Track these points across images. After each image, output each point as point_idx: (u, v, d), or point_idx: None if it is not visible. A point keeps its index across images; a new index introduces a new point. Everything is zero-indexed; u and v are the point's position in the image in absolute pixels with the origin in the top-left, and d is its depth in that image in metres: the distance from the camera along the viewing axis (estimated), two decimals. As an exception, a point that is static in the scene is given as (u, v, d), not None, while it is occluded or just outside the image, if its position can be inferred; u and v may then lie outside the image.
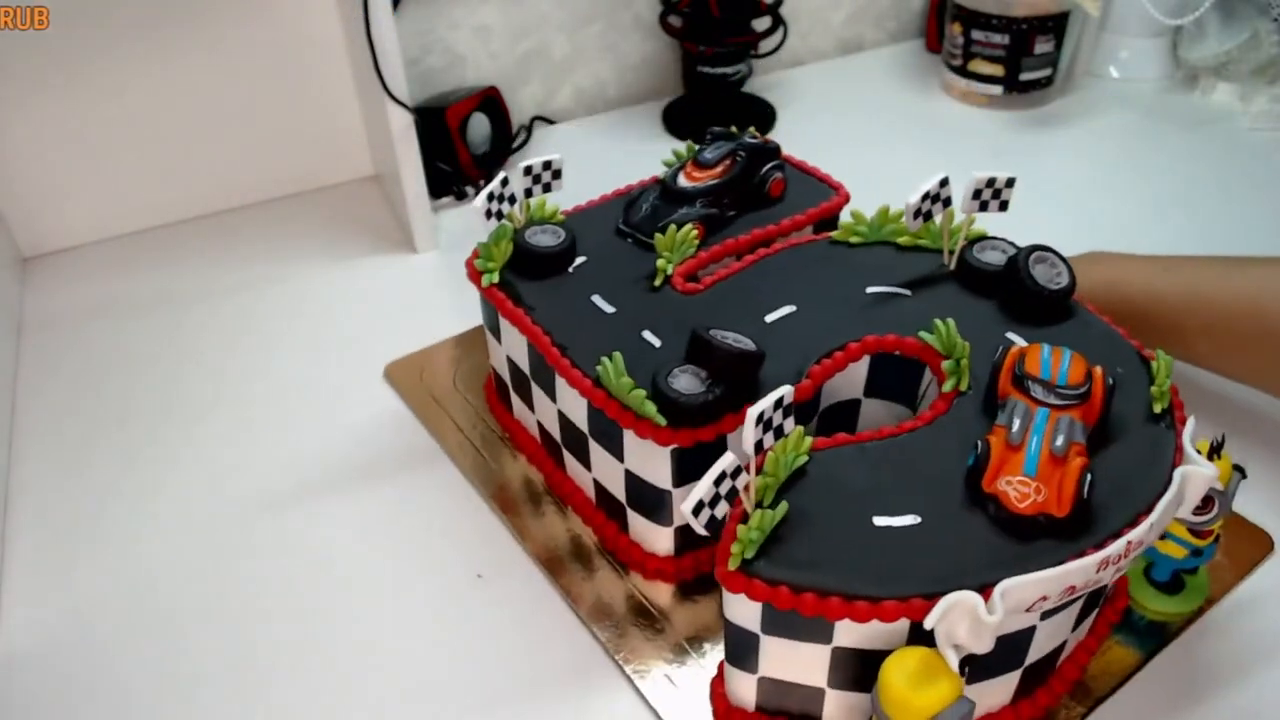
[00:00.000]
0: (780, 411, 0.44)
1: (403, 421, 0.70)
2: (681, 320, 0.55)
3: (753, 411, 0.43)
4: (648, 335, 0.55)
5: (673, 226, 0.61)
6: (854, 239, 0.62)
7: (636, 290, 0.59)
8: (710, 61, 1.03)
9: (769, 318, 0.56)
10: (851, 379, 0.56)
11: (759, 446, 0.44)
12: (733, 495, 0.43)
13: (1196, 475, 0.45)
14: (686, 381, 0.50)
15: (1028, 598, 0.40)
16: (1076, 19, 1.05)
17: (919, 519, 0.45)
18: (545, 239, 0.61)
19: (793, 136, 0.78)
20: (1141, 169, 0.98)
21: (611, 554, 0.59)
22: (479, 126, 0.97)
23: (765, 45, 1.05)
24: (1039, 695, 0.49)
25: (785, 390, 0.44)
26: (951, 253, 0.57)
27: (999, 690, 0.48)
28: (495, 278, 0.60)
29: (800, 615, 0.42)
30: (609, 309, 0.57)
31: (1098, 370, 0.47)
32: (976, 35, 1.06)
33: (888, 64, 1.21)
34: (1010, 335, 0.54)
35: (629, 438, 0.52)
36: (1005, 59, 1.06)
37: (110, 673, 0.55)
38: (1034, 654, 0.46)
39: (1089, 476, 0.43)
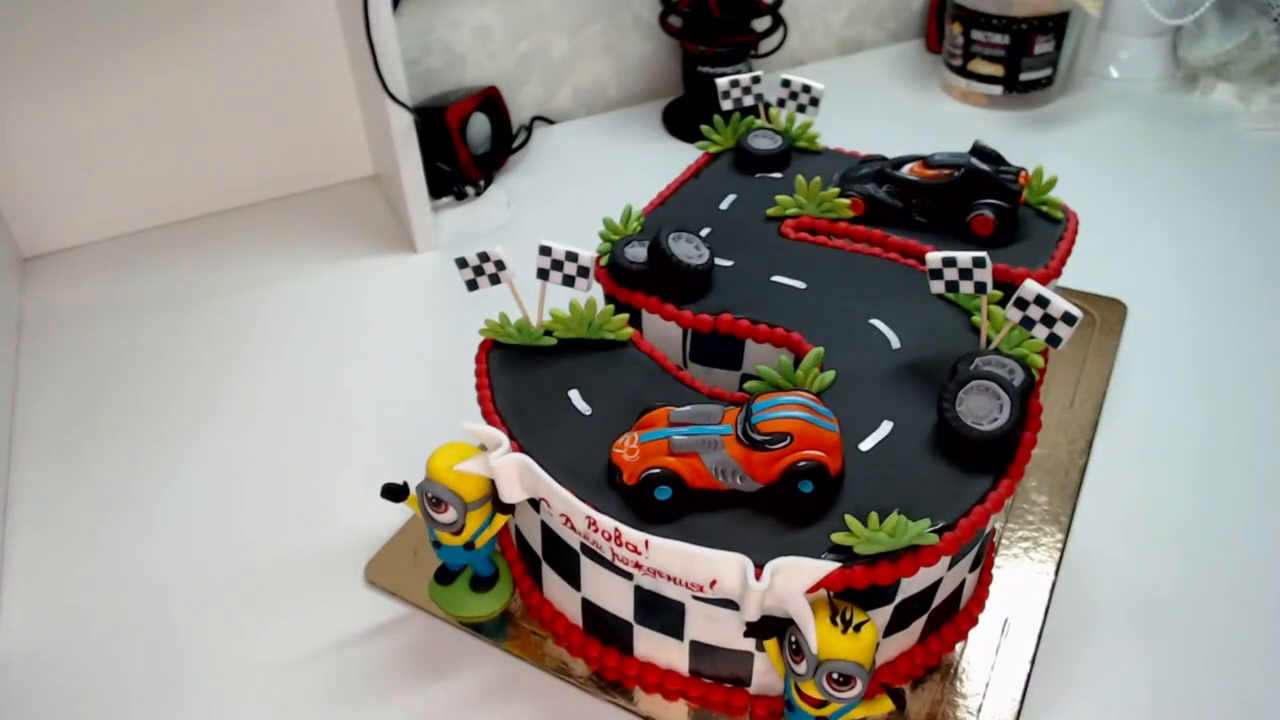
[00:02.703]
0: (576, 267, 0.52)
1: (404, 427, 0.71)
2: (766, 252, 0.62)
3: (543, 242, 0.51)
4: (722, 260, 0.61)
5: (819, 181, 0.65)
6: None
7: (750, 218, 0.66)
8: (710, 61, 1.03)
9: (775, 277, 0.60)
10: (777, 359, 0.55)
11: (541, 274, 0.53)
12: (495, 281, 0.53)
13: (791, 569, 0.42)
14: (681, 248, 0.58)
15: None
16: (1076, 19, 1.05)
17: (590, 412, 0.51)
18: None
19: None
20: (1141, 169, 0.98)
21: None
22: (479, 126, 0.97)
23: (765, 45, 1.05)
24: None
25: (587, 255, 0.52)
26: (989, 340, 0.52)
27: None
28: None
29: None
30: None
31: (793, 458, 0.44)
32: (976, 35, 1.06)
33: (888, 64, 1.21)
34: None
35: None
36: (1005, 59, 1.06)
37: (110, 673, 0.55)
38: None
39: (653, 472, 0.45)
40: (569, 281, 0.53)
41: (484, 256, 0.53)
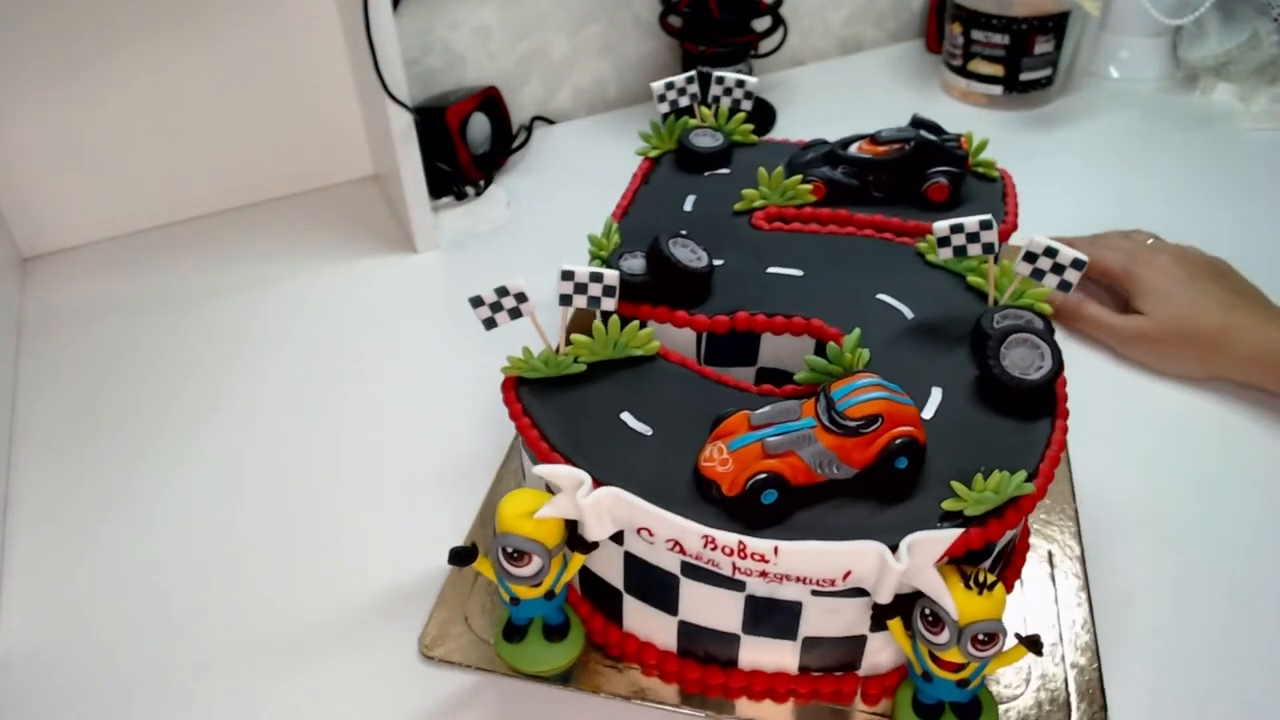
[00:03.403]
0: (601, 287, 0.50)
1: (404, 428, 0.71)
2: (749, 246, 0.62)
3: (565, 266, 0.50)
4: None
5: (781, 171, 0.65)
6: (931, 256, 0.60)
7: (719, 216, 0.65)
8: (710, 61, 1.03)
9: (770, 269, 0.60)
10: (793, 349, 0.56)
11: (565, 300, 0.50)
12: (516, 315, 0.50)
13: (924, 543, 0.42)
14: (681, 252, 0.57)
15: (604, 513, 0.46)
16: (1076, 19, 1.05)
17: (650, 431, 0.49)
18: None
19: (792, 136, 0.78)
20: (1141, 169, 0.98)
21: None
22: (479, 126, 0.97)
23: (765, 45, 1.05)
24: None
25: (612, 274, 0.50)
26: (997, 301, 0.54)
27: None
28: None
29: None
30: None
31: (888, 436, 0.45)
32: (976, 35, 1.06)
33: (888, 64, 1.21)
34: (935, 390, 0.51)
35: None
36: (1005, 59, 1.06)
37: (110, 673, 0.55)
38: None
39: (759, 478, 0.44)
40: (594, 303, 0.51)
41: (502, 291, 0.49)
